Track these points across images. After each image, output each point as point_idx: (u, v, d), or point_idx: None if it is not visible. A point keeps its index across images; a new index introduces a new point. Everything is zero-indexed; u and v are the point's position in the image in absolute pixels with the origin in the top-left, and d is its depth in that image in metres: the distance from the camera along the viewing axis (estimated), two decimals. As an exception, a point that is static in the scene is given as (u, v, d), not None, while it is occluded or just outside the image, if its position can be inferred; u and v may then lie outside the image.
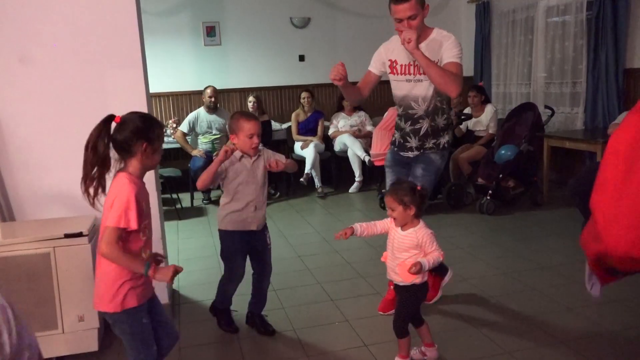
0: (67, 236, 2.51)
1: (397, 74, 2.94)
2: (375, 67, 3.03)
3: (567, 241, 4.16)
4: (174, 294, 3.39)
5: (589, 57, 5.41)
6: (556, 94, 5.95)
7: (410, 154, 3.04)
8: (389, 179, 3.10)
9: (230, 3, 6.76)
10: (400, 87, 2.97)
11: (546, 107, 5.55)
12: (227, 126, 3.11)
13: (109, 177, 1.94)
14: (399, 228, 2.40)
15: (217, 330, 2.95)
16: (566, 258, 3.81)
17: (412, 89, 2.91)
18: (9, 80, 2.76)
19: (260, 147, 2.72)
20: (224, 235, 2.75)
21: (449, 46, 2.77)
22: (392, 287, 2.79)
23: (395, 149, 3.12)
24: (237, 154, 2.65)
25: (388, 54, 2.97)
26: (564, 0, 5.68)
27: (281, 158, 2.75)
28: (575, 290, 3.24)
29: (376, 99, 7.14)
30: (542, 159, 5.30)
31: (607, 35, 5.15)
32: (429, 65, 2.68)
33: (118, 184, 1.90)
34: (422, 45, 2.79)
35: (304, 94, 6.38)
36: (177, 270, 1.93)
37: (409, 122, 2.99)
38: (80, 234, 2.52)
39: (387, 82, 3.05)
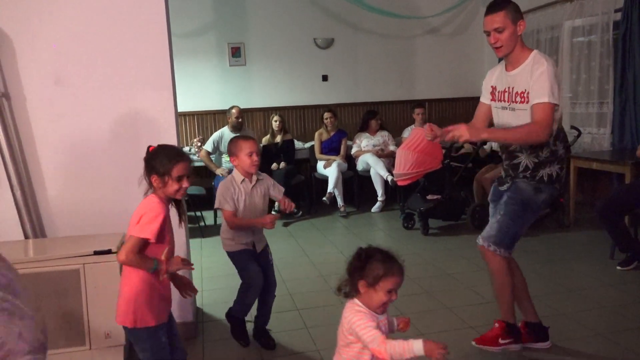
0: (96, 253, 2.56)
1: (495, 101, 2.71)
2: (484, 96, 2.79)
3: (595, 264, 4.07)
4: (197, 312, 3.41)
5: (615, 77, 5.35)
6: (582, 114, 5.88)
7: (505, 187, 2.76)
8: (491, 213, 2.90)
9: (255, 24, 6.88)
10: (497, 115, 2.72)
11: (572, 127, 5.49)
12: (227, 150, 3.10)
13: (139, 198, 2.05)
14: None
15: (241, 348, 2.95)
16: (594, 282, 3.73)
17: (507, 117, 2.64)
18: (45, 101, 2.85)
19: (263, 175, 2.87)
20: (232, 253, 2.90)
21: (536, 80, 2.45)
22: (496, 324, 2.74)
23: (496, 183, 2.88)
24: (239, 177, 2.77)
25: (491, 80, 2.75)
26: (590, 20, 5.64)
27: (281, 190, 2.90)
28: (604, 315, 3.17)
29: (398, 118, 7.16)
30: (569, 180, 5.23)
31: (634, 55, 5.09)
32: (506, 138, 2.56)
33: (149, 201, 2.03)
34: (516, 72, 2.56)
35: (326, 114, 6.43)
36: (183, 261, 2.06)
37: (508, 157, 2.72)
38: (109, 251, 2.57)
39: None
